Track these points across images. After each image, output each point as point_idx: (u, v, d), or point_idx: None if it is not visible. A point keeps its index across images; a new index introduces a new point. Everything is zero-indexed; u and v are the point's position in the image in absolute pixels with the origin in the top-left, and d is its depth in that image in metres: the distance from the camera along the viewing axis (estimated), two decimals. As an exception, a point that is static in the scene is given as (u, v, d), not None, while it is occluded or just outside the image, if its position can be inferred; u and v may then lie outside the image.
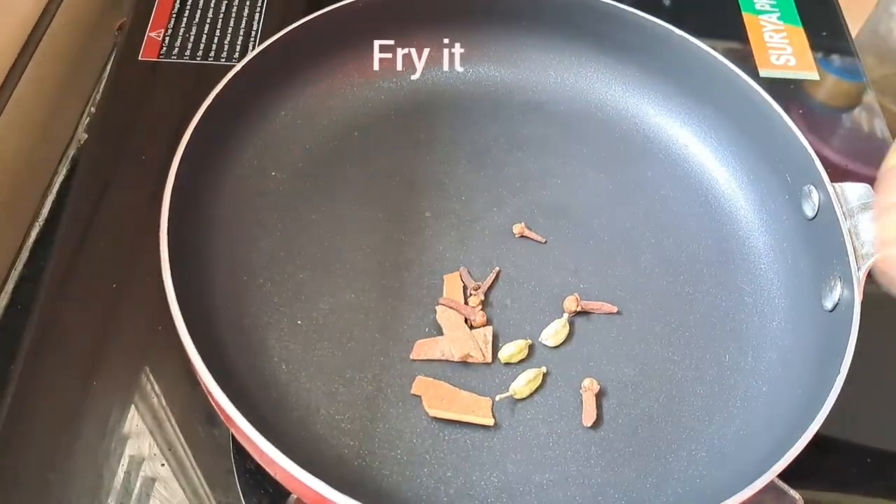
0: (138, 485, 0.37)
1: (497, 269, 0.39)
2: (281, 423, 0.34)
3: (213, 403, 0.32)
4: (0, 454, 0.37)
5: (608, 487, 0.34)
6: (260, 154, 0.41)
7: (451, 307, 0.38)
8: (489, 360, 0.37)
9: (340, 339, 0.37)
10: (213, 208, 0.38)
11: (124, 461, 0.37)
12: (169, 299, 0.32)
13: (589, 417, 0.35)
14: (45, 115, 0.53)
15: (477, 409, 0.35)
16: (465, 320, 0.38)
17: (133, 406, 0.39)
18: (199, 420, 0.39)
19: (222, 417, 0.32)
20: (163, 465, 0.37)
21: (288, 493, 0.34)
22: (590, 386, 0.36)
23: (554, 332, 0.38)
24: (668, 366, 0.37)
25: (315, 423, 0.34)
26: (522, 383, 0.36)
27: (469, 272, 0.39)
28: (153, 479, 0.37)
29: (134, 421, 0.38)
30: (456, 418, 0.35)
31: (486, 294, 0.39)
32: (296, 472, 0.28)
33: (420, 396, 0.36)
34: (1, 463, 0.37)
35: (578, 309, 0.38)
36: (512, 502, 0.33)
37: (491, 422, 0.35)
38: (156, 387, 0.40)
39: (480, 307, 0.38)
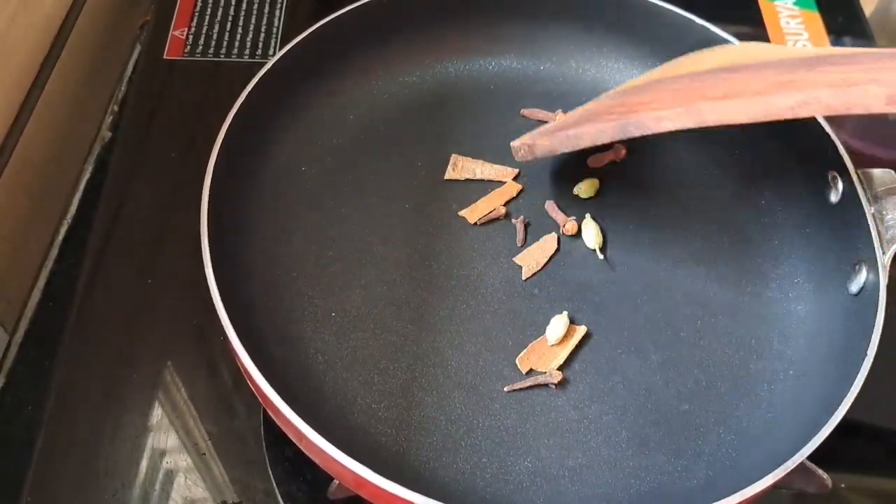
0: (178, 473, 0.38)
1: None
2: (320, 413, 0.34)
3: (257, 394, 0.32)
4: (47, 448, 0.38)
5: (639, 470, 0.34)
6: (290, 150, 0.42)
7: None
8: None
9: (374, 330, 0.38)
10: (247, 204, 0.39)
11: (164, 451, 0.38)
12: (213, 294, 0.33)
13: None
14: (70, 115, 0.54)
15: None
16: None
17: (171, 398, 0.40)
18: (234, 411, 0.40)
19: (265, 406, 0.33)
20: (203, 454, 0.38)
21: (325, 481, 0.35)
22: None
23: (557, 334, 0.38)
24: (694, 351, 0.38)
25: (353, 412, 0.35)
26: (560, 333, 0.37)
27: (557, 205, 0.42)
28: (192, 468, 0.38)
29: (174, 412, 0.39)
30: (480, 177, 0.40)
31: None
32: (341, 458, 0.29)
33: None
34: (50, 456, 0.38)
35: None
36: (546, 486, 0.34)
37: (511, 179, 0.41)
38: (192, 379, 0.41)
39: None
